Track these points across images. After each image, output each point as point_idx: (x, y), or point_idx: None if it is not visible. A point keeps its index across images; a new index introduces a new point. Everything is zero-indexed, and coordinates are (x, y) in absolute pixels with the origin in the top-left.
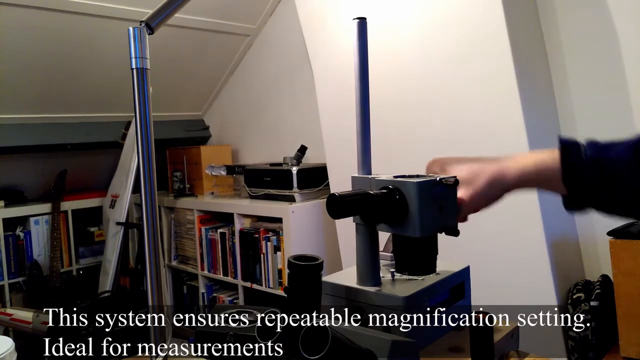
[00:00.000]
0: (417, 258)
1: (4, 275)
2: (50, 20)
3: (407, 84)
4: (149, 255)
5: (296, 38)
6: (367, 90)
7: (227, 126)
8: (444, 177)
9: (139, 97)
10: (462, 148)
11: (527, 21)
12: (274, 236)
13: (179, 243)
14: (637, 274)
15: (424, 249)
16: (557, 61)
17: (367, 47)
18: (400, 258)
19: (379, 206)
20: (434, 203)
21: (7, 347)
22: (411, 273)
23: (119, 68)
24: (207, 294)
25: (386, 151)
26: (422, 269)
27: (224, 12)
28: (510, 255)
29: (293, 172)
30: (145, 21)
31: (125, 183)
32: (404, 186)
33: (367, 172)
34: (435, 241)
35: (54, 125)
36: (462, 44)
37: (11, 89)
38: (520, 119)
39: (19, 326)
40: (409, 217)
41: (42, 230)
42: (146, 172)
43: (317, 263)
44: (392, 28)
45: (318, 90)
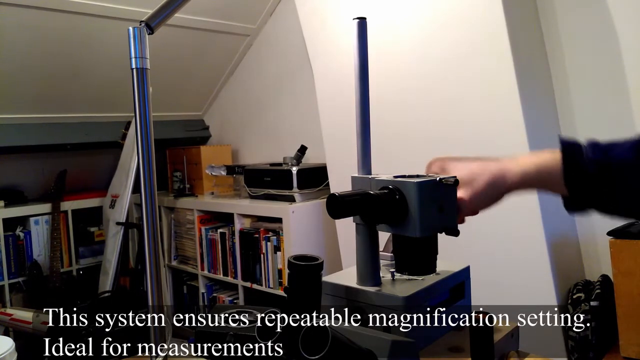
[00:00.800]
0: (417, 258)
1: (4, 275)
2: (50, 20)
3: (407, 84)
4: (149, 255)
5: (296, 38)
6: (367, 90)
7: (227, 126)
8: (444, 177)
9: (139, 97)
10: (462, 148)
11: (527, 21)
12: (274, 236)
13: (179, 243)
14: (637, 274)
15: (424, 249)
16: (557, 61)
17: (367, 47)
18: (400, 258)
19: (379, 206)
20: (434, 203)
21: (7, 347)
22: (411, 273)
23: (119, 68)
24: (207, 294)
25: (386, 151)
26: (422, 269)
27: (224, 12)
28: (510, 255)
29: (293, 172)
30: (145, 21)
31: (125, 183)
32: (404, 186)
33: (367, 172)
34: (436, 241)
35: (54, 125)
36: (462, 44)
37: (11, 89)
38: (520, 119)
39: (19, 326)
40: (409, 217)
41: (42, 230)
42: (146, 172)
43: (317, 263)
44: (392, 28)
45: (318, 90)
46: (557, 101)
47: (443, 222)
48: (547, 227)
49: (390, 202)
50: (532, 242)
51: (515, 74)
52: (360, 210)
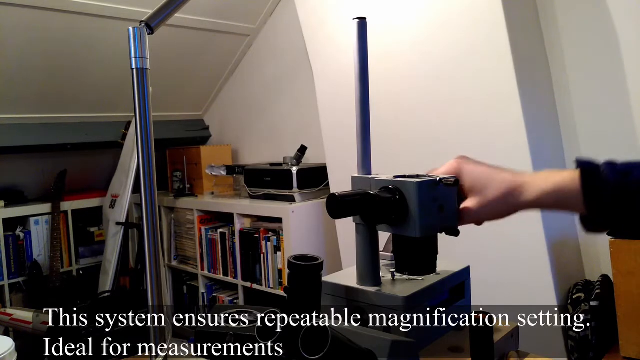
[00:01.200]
0: (417, 258)
1: (4, 275)
2: (51, 20)
3: (407, 83)
4: (149, 255)
5: (296, 38)
6: (367, 90)
7: (227, 126)
8: (444, 177)
9: (139, 97)
10: (462, 148)
11: (527, 21)
12: (274, 236)
13: (179, 243)
14: (637, 274)
15: (423, 249)
16: (557, 61)
17: (367, 47)
18: (400, 258)
19: (379, 206)
20: (434, 203)
21: (7, 347)
22: (411, 273)
23: (119, 68)
24: (207, 294)
25: (386, 151)
26: (422, 269)
27: (224, 12)
28: (510, 255)
29: (293, 172)
30: (145, 21)
31: (125, 183)
32: (404, 186)
33: (367, 172)
34: (435, 241)
35: (54, 125)
36: (462, 44)
37: (11, 89)
38: (520, 119)
39: (19, 326)
40: (409, 217)
41: (42, 230)
42: (146, 172)
43: (317, 263)
44: (392, 28)
45: (318, 90)
46: (557, 101)
47: (443, 222)
48: (547, 227)
49: (390, 202)
50: (532, 242)
51: (515, 74)
52: (360, 210)
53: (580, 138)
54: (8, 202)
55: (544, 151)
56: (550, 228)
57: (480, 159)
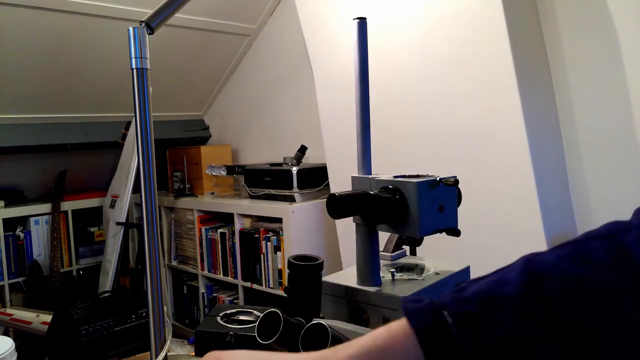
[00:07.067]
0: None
1: (4, 275)
2: (51, 20)
3: (407, 83)
4: (149, 255)
5: (296, 38)
6: (367, 90)
7: (227, 126)
8: (444, 177)
9: (139, 97)
10: (461, 148)
11: (527, 21)
12: (274, 236)
13: (179, 243)
14: None
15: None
16: (557, 59)
17: (367, 47)
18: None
19: (379, 206)
20: (434, 203)
21: (7, 347)
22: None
23: (119, 68)
24: (207, 294)
25: (386, 151)
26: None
27: (224, 12)
28: (510, 252)
29: (293, 172)
30: (145, 21)
31: (125, 183)
32: (404, 186)
33: (367, 172)
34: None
35: (54, 125)
36: (462, 43)
37: (11, 89)
38: (520, 118)
39: (19, 326)
40: (409, 217)
41: (42, 230)
42: (146, 172)
43: (317, 263)
44: (392, 28)
45: (318, 90)
46: (556, 99)
47: (443, 222)
48: (546, 224)
49: (390, 202)
50: (531, 238)
51: (515, 74)
52: (360, 210)
53: (580, 138)
54: (8, 202)
55: (543, 151)
56: (549, 225)
57: (480, 159)
